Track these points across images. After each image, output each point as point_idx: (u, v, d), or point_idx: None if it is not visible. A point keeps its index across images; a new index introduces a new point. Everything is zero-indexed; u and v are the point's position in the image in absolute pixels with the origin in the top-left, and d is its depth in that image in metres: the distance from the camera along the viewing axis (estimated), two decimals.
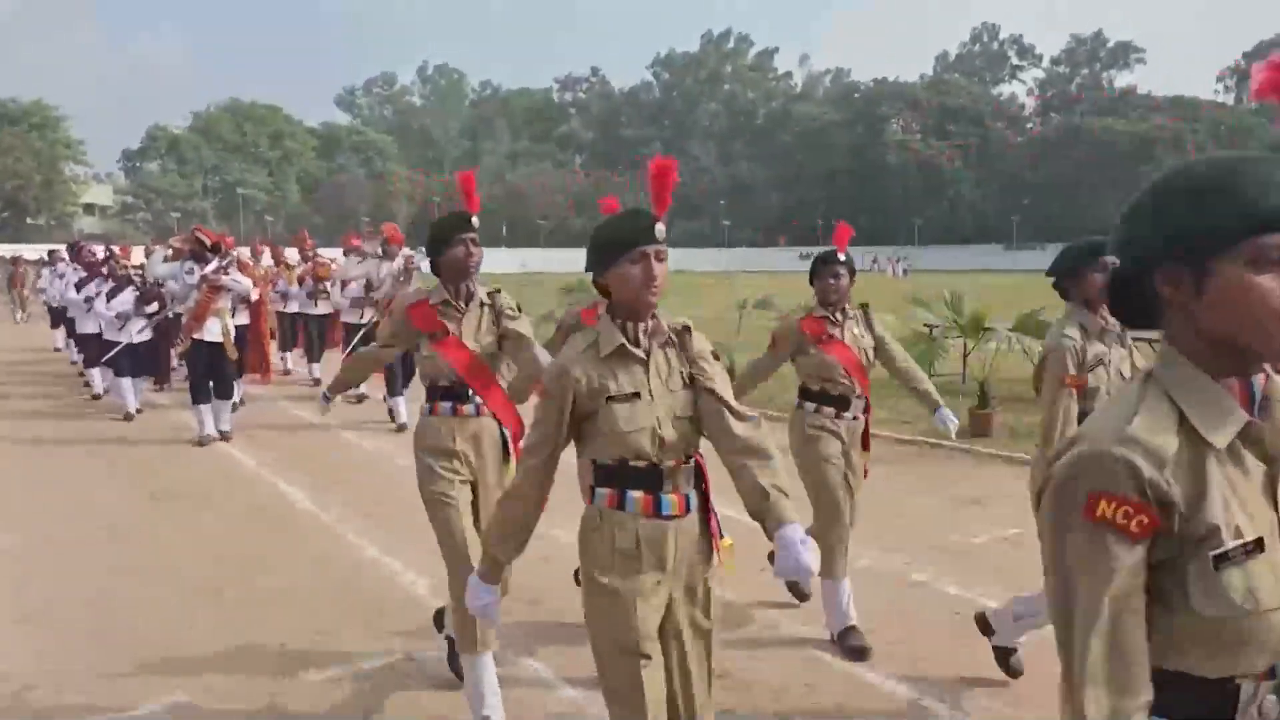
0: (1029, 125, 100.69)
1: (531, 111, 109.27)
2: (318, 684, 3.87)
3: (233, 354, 8.80)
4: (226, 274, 8.66)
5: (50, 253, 18.46)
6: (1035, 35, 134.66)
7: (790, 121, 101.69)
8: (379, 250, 10.11)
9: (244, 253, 12.50)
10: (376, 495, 6.77)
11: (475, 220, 3.58)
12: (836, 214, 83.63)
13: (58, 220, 73.26)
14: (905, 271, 61.04)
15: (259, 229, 62.40)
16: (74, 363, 13.81)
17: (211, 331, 8.55)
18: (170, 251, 12.36)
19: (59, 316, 15.56)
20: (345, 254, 12.15)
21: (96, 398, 11.21)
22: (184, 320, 8.94)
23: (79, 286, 11.10)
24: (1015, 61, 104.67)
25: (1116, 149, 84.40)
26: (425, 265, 8.15)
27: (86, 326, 11.01)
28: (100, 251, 12.93)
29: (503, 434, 3.64)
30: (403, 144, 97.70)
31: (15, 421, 9.93)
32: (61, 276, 14.18)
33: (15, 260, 28.30)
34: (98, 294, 10.37)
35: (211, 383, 8.72)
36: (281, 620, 4.50)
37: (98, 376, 11.24)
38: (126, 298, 10.09)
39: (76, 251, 13.69)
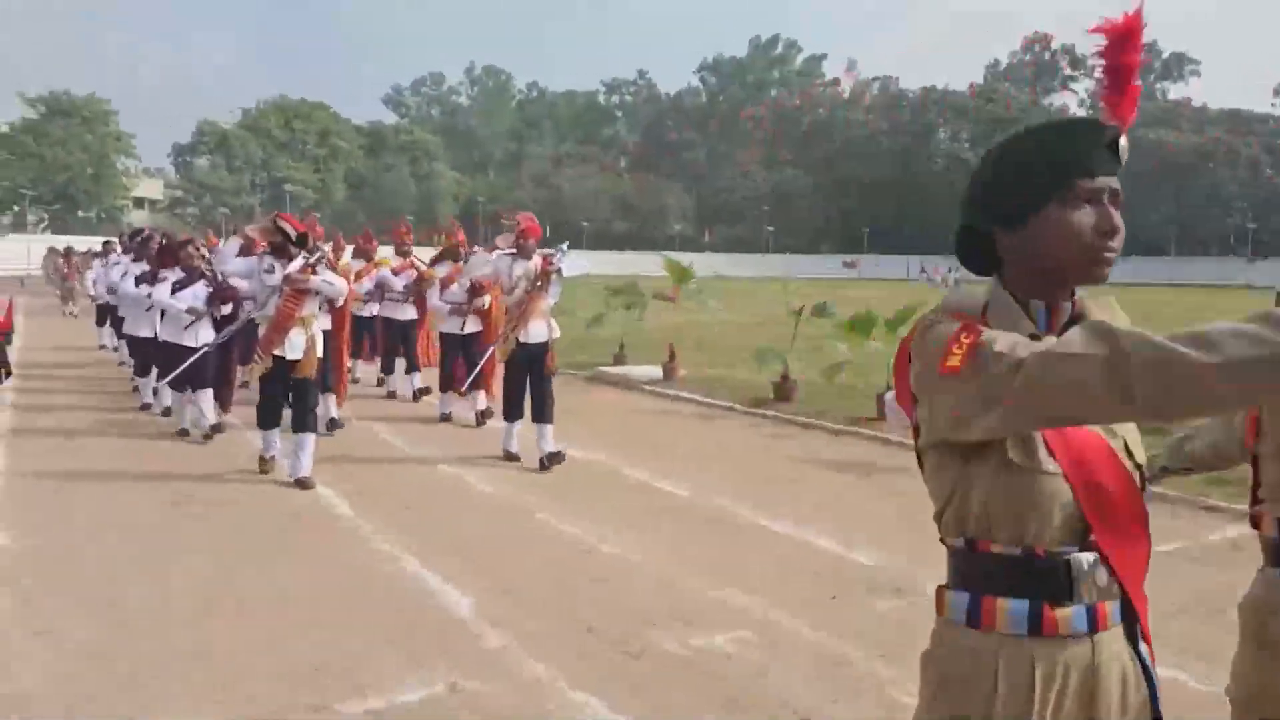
0: None
1: (577, 114, 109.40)
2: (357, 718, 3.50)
3: (313, 372, 7.04)
4: (315, 273, 6.95)
5: (105, 243, 16.47)
6: (1088, 46, 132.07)
7: (836, 129, 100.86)
8: (512, 246, 7.83)
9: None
10: (410, 499, 6.44)
11: None
12: (880, 222, 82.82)
13: (107, 213, 74.28)
14: (956, 281, 59.74)
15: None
16: (123, 364, 12.58)
17: (295, 346, 6.89)
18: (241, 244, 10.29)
19: (106, 313, 14.57)
20: (397, 251, 11.26)
21: (145, 407, 9.85)
22: (261, 331, 7.13)
23: (139, 281, 9.37)
24: (1067, 72, 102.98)
25: (1170, 161, 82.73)
26: (567, 266, 7.72)
27: (139, 328, 9.54)
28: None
29: None
30: (449, 144, 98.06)
31: (54, 424, 9.05)
32: (118, 266, 12.34)
33: (66, 252, 27.36)
34: (161, 283, 8.63)
35: (291, 413, 7.04)
36: (312, 639, 4.15)
37: (148, 386, 9.87)
38: (197, 291, 8.48)
39: (143, 240, 11.18)
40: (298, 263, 6.89)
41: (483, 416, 9.24)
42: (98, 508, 6.18)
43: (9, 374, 10.29)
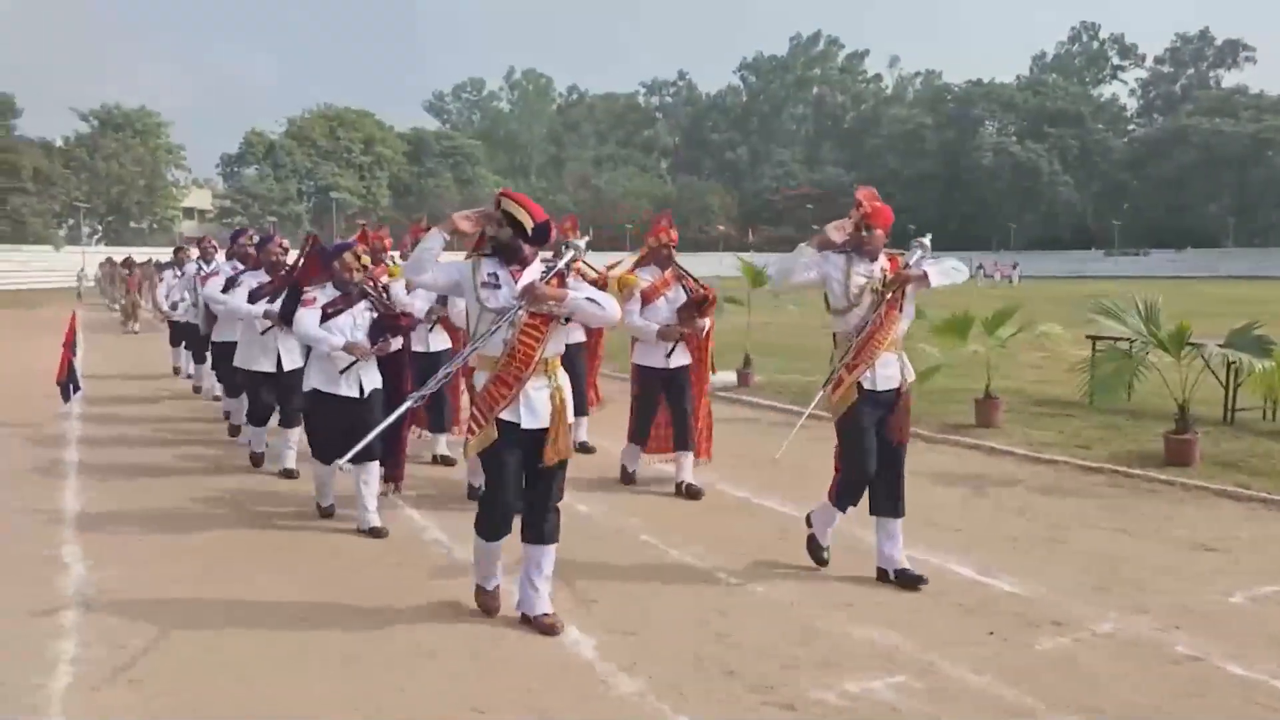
0: (1130, 127, 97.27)
1: (617, 116, 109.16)
2: None
3: (569, 453, 4.48)
4: (567, 285, 4.37)
5: (176, 250, 13.96)
6: (1137, 34, 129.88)
7: (880, 125, 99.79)
8: (847, 238, 5.18)
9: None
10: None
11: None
12: (927, 218, 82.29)
13: (159, 224, 75.27)
14: (1019, 278, 58.41)
15: (350, 232, 63.05)
16: (216, 396, 10.55)
17: (535, 409, 4.32)
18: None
19: (183, 333, 12.68)
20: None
21: (257, 461, 7.67)
22: (480, 382, 4.37)
23: (255, 297, 7.38)
24: (1116, 61, 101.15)
25: (1225, 150, 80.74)
26: (934, 272, 5.49)
27: (254, 358, 7.48)
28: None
29: None
30: (490, 148, 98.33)
31: (139, 463, 8.06)
32: (202, 275, 10.67)
33: (126, 263, 25.48)
34: (307, 305, 5.93)
35: (524, 520, 4.46)
36: (425, 690, 3.80)
37: (260, 435, 7.70)
38: (358, 317, 5.96)
39: (262, 242, 8.20)
40: (536, 268, 4.40)
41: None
42: (179, 539, 5.91)
43: (78, 388, 10.17)
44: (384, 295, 6.32)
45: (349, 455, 4.52)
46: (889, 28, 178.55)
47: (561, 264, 4.35)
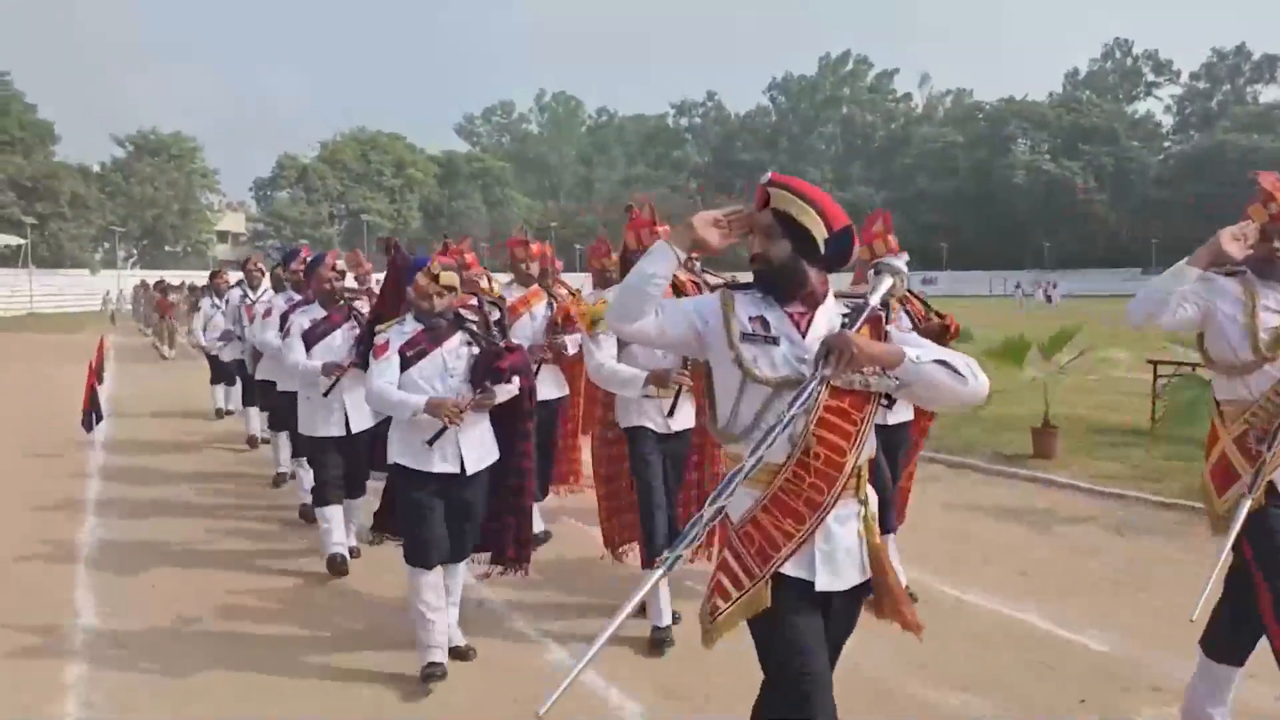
0: (1165, 144, 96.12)
1: (647, 136, 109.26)
2: None
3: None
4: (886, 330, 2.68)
5: (213, 274, 12.00)
6: (1171, 50, 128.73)
7: (910, 143, 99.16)
8: None
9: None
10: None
11: None
12: (959, 237, 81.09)
13: (193, 248, 76.03)
14: (1060, 297, 57.30)
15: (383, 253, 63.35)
16: (263, 440, 9.53)
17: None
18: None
19: (225, 371, 11.17)
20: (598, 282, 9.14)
21: (339, 563, 5.72)
22: None
23: (315, 338, 5.67)
24: (1151, 78, 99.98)
25: (1262, 166, 78.22)
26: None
27: (317, 422, 5.72)
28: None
29: None
30: (519, 170, 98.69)
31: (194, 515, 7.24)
32: (248, 304, 9.31)
33: (160, 285, 24.34)
34: (380, 354, 4.27)
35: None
36: None
37: (339, 521, 5.85)
38: (450, 359, 4.27)
39: (312, 263, 6.13)
40: (833, 308, 2.69)
41: None
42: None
43: (100, 418, 9.93)
44: (491, 320, 4.73)
45: (452, 556, 4.12)
46: (918, 46, 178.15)
47: (876, 299, 2.53)
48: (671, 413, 4.54)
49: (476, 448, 4.23)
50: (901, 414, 4.93)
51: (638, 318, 2.53)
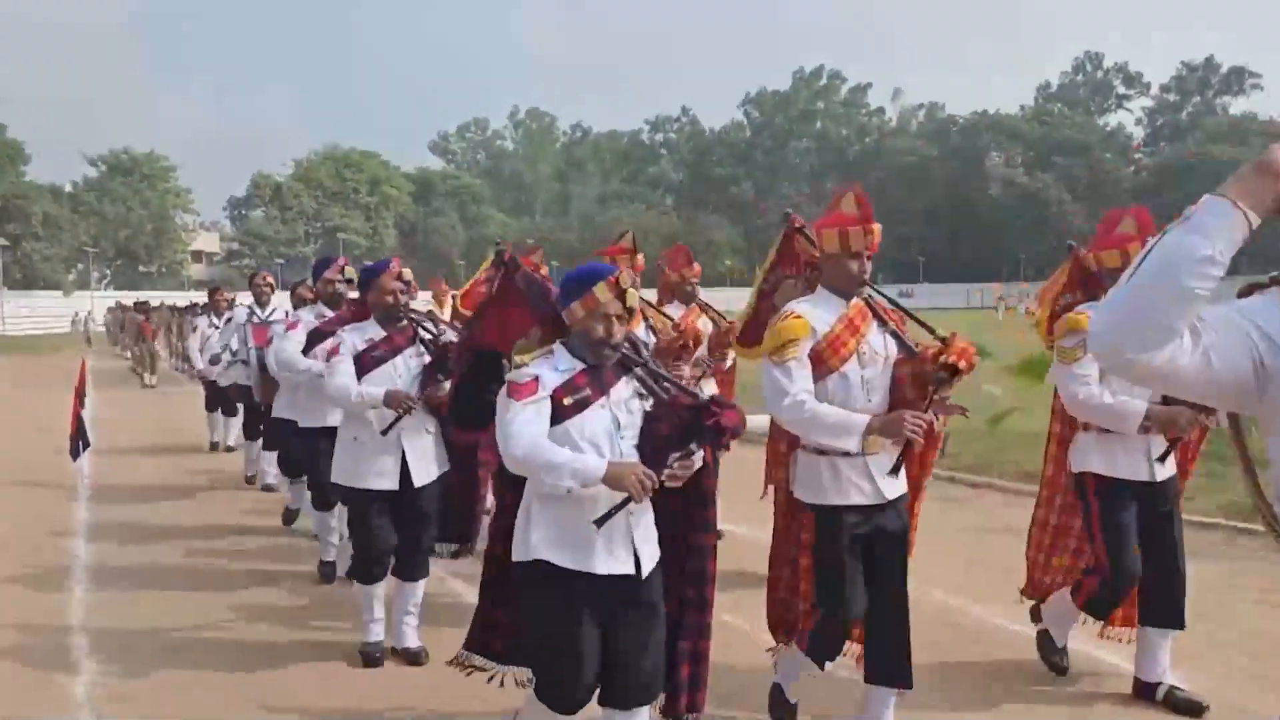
0: (1138, 156, 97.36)
1: (622, 153, 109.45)
2: None
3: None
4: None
5: (212, 291, 11.05)
6: (1141, 63, 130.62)
7: (884, 157, 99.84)
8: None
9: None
10: None
11: None
12: (934, 249, 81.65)
13: (167, 268, 75.33)
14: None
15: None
16: (268, 485, 8.65)
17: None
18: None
19: (219, 397, 10.21)
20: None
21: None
22: None
23: (368, 366, 4.51)
24: (1121, 90, 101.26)
25: None
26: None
27: (361, 470, 4.52)
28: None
29: None
30: (495, 187, 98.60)
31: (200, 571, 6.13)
32: (256, 324, 8.12)
33: (141, 307, 22.79)
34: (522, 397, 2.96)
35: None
36: None
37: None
38: (624, 411, 3.02)
39: (369, 275, 4.80)
40: None
41: None
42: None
43: (87, 444, 9.62)
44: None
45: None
46: (891, 61, 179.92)
47: None
48: (896, 471, 3.34)
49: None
50: None
51: (1163, 342, 1.48)
